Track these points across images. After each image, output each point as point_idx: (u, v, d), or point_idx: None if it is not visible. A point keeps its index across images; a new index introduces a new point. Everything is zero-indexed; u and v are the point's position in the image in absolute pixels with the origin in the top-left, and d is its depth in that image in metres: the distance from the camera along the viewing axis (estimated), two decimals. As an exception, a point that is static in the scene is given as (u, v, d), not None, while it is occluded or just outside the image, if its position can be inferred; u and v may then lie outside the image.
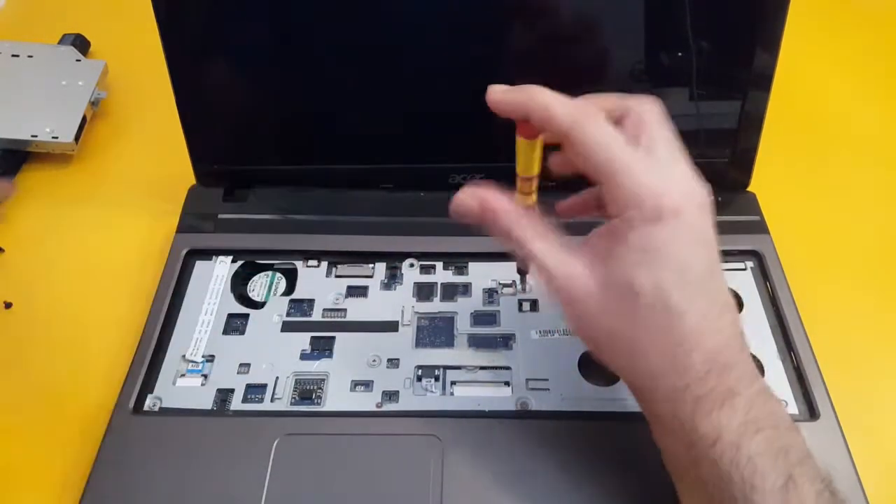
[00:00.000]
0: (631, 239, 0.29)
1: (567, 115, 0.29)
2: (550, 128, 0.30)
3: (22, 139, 0.52)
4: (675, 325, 0.28)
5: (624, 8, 0.43)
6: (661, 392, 0.29)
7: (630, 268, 0.29)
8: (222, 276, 0.44)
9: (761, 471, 0.27)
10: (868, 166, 0.53)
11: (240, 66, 0.45)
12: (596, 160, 0.29)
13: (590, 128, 0.29)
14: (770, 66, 0.43)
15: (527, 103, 0.30)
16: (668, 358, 0.29)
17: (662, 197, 0.29)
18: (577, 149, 0.29)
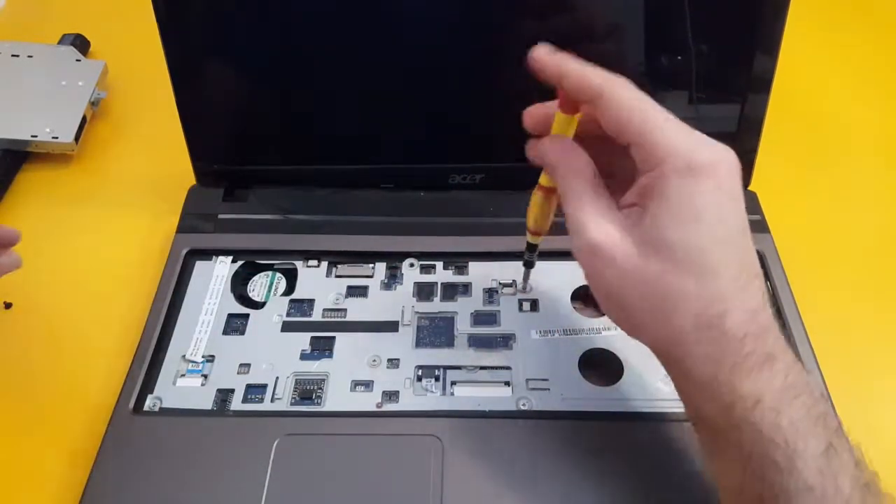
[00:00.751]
0: (664, 193, 0.28)
1: (600, 76, 0.30)
2: (583, 89, 0.30)
3: (22, 139, 0.52)
4: (709, 285, 0.28)
5: (624, 11, 0.43)
6: (696, 355, 0.28)
7: (663, 223, 0.28)
8: (222, 276, 0.44)
9: (804, 435, 0.27)
10: (868, 166, 0.53)
11: (240, 66, 0.45)
12: (630, 117, 0.29)
13: (622, 90, 0.30)
14: (770, 69, 0.43)
15: (562, 66, 0.30)
16: (703, 320, 0.28)
17: (695, 153, 0.28)
18: (610, 109, 0.29)
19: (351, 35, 0.43)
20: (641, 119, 0.29)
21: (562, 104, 0.31)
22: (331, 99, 0.46)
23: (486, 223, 0.46)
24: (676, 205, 0.28)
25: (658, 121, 0.29)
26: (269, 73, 0.45)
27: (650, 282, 0.29)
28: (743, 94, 0.44)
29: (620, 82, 0.30)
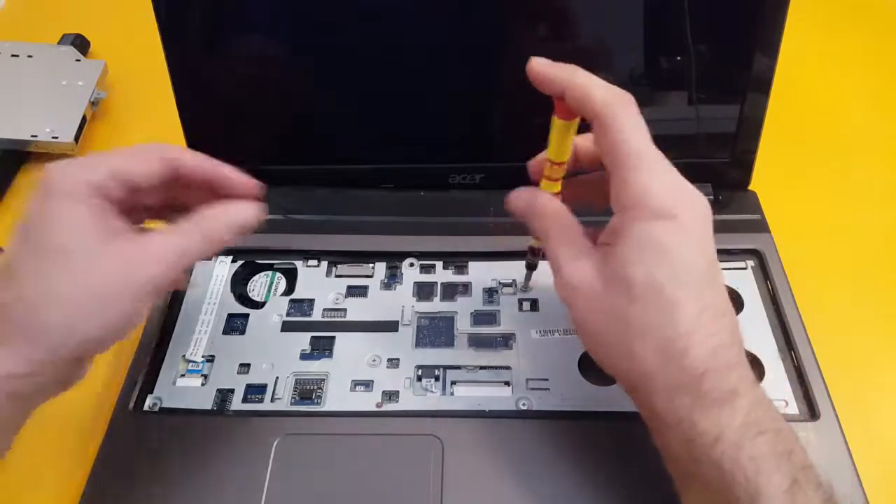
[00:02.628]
0: (629, 234, 0.29)
1: (604, 97, 0.30)
2: (585, 107, 0.30)
3: (22, 139, 0.52)
4: (669, 322, 0.28)
5: (623, 12, 0.43)
6: (658, 389, 0.29)
7: (626, 262, 0.29)
8: (222, 276, 0.44)
9: (766, 472, 0.27)
10: (869, 165, 0.53)
11: (240, 66, 0.45)
12: (619, 149, 0.30)
13: (622, 115, 0.30)
14: (769, 69, 0.43)
15: (567, 80, 0.30)
16: (663, 355, 0.29)
17: (666, 199, 0.29)
18: (604, 132, 0.30)
19: (351, 35, 0.43)
20: (628, 153, 0.30)
21: (559, 112, 0.32)
22: (331, 99, 0.46)
23: (486, 223, 0.46)
24: (639, 244, 0.29)
25: (643, 159, 0.30)
26: (269, 73, 0.45)
27: (615, 315, 0.30)
28: (742, 95, 0.44)
29: (623, 103, 0.30)
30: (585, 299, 0.31)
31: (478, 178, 0.48)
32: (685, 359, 0.28)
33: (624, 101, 0.30)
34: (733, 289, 0.43)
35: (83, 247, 0.30)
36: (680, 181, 0.30)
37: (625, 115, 0.30)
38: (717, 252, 0.44)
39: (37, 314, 0.29)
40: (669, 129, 0.46)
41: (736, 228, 0.45)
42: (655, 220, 0.29)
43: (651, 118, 0.46)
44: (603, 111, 0.30)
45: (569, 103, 0.31)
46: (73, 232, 0.30)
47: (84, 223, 0.30)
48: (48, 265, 0.30)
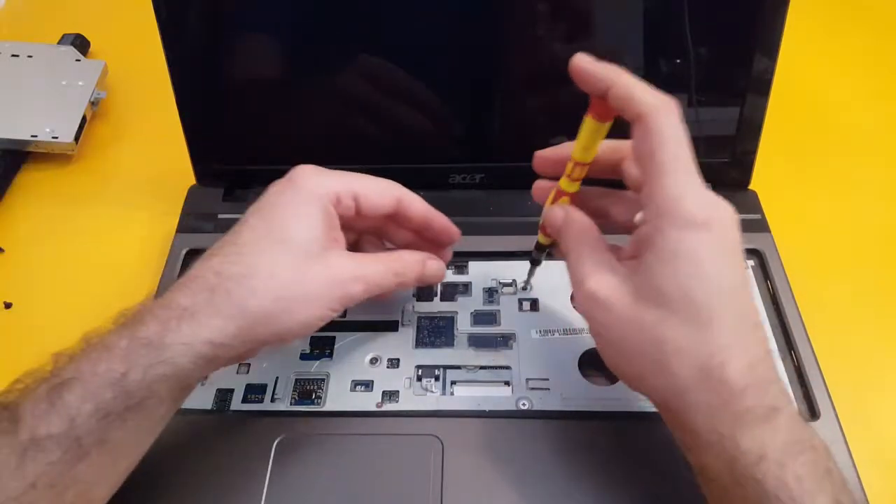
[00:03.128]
0: (660, 244, 0.28)
1: (650, 100, 0.29)
2: (628, 108, 0.29)
3: (22, 139, 0.52)
4: (706, 337, 0.28)
5: (623, 14, 0.43)
6: (696, 407, 0.28)
7: (659, 274, 0.28)
8: (222, 276, 0.44)
9: (811, 493, 0.26)
10: (869, 165, 0.53)
11: (240, 66, 0.45)
12: (658, 153, 0.29)
13: (666, 120, 0.29)
14: (769, 70, 0.43)
15: (612, 79, 0.30)
16: (701, 371, 0.28)
17: (701, 208, 0.28)
18: (645, 136, 0.29)
19: (350, 35, 0.43)
20: (666, 159, 0.29)
21: (595, 111, 0.31)
22: (330, 99, 0.46)
23: (486, 223, 0.46)
24: (672, 256, 0.28)
25: (680, 167, 0.29)
26: (269, 72, 0.45)
27: (647, 330, 0.29)
28: (742, 96, 0.44)
29: (668, 109, 0.29)
30: (613, 312, 0.30)
31: (478, 178, 0.48)
32: (724, 375, 0.27)
33: (669, 106, 0.29)
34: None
35: (311, 246, 0.33)
36: (709, 194, 0.29)
37: (668, 121, 0.29)
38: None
39: (254, 295, 0.31)
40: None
41: (736, 228, 0.45)
42: (689, 230, 0.28)
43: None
44: (647, 113, 0.29)
45: (611, 103, 0.30)
46: (309, 230, 0.33)
47: (318, 224, 0.33)
48: (278, 252, 0.32)
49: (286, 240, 0.32)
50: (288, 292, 0.31)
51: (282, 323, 0.31)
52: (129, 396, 0.29)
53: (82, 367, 0.29)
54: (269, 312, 0.31)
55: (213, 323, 0.30)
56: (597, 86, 0.30)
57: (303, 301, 0.32)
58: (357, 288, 0.34)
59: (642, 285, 0.29)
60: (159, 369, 0.29)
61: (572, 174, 0.34)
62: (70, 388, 0.28)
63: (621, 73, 0.30)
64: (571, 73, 0.30)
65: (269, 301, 0.31)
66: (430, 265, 0.38)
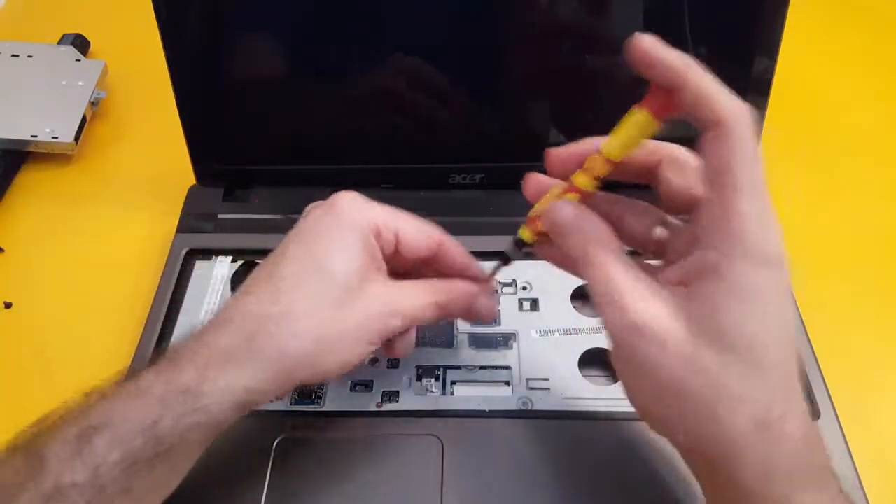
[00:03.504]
0: (732, 278, 0.25)
1: (737, 107, 0.25)
2: (704, 110, 0.25)
3: (22, 139, 0.52)
4: (768, 386, 0.25)
5: (623, 13, 0.43)
6: (748, 461, 0.25)
7: (726, 310, 0.25)
8: (222, 276, 0.44)
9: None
10: (869, 165, 0.53)
11: (240, 66, 0.45)
12: (735, 170, 0.25)
13: (748, 133, 0.25)
14: (769, 70, 0.43)
15: (689, 72, 0.26)
16: (759, 424, 0.25)
17: (777, 244, 0.25)
18: (722, 147, 0.25)
19: (351, 35, 0.43)
20: (745, 178, 0.25)
21: (654, 105, 0.27)
22: (331, 98, 0.46)
23: (486, 223, 0.46)
24: (745, 293, 0.25)
25: (757, 191, 0.25)
26: (269, 72, 0.45)
27: (706, 373, 0.25)
28: (742, 96, 0.44)
29: (748, 119, 0.25)
30: (661, 349, 0.25)
31: (478, 178, 0.48)
32: (784, 429, 0.25)
33: (750, 116, 0.26)
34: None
35: (351, 279, 0.31)
36: (776, 229, 0.26)
37: (749, 134, 0.25)
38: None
39: (294, 338, 0.29)
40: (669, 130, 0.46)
41: (736, 228, 0.45)
42: (767, 268, 0.25)
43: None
44: (729, 120, 0.25)
45: (684, 99, 0.25)
46: (350, 261, 0.31)
47: (359, 255, 0.31)
48: (318, 287, 0.30)
49: (327, 273, 0.30)
50: (328, 331, 0.30)
51: (322, 364, 0.30)
52: (158, 443, 0.27)
53: (114, 411, 0.28)
54: (310, 354, 0.30)
55: (252, 369, 0.29)
56: (665, 76, 0.26)
57: (342, 341, 0.30)
58: (396, 322, 0.32)
59: (703, 319, 0.25)
60: (193, 417, 0.28)
61: (594, 170, 0.28)
62: (99, 433, 0.27)
63: (696, 66, 0.26)
64: (632, 54, 0.26)
65: (309, 342, 0.29)
66: (482, 302, 0.35)
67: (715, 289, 0.25)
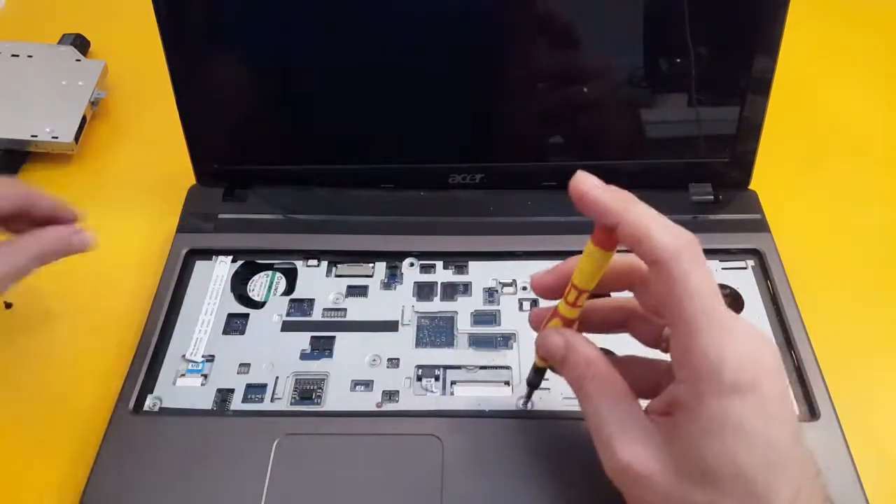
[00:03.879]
0: (703, 413, 0.25)
1: (669, 243, 0.25)
2: (642, 249, 0.26)
3: (22, 139, 0.52)
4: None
5: (623, 14, 0.43)
6: None
7: (704, 447, 0.25)
8: (222, 275, 0.44)
9: None
10: (869, 165, 0.53)
11: (240, 66, 0.45)
12: (684, 306, 0.25)
13: (689, 266, 0.25)
14: (769, 70, 0.43)
15: (622, 213, 0.26)
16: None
17: (743, 369, 0.25)
18: (665, 283, 0.26)
19: (351, 35, 0.43)
20: (697, 315, 0.25)
21: (598, 239, 0.28)
22: (331, 98, 0.46)
23: (486, 223, 0.46)
24: (718, 428, 0.25)
25: (713, 321, 0.25)
26: (269, 72, 0.45)
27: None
28: (742, 96, 0.44)
29: (689, 252, 0.26)
30: (652, 489, 0.26)
31: (478, 178, 0.48)
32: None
33: (692, 248, 0.26)
34: (733, 289, 0.43)
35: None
36: (750, 336, 0.26)
37: (692, 267, 0.25)
38: (717, 252, 0.44)
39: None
40: (670, 130, 0.46)
41: (736, 228, 0.45)
42: (735, 396, 0.25)
43: (651, 119, 0.47)
44: (667, 260, 0.25)
45: (621, 240, 0.27)
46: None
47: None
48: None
49: None
50: None
51: None
52: None
53: None
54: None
55: None
56: (605, 218, 0.27)
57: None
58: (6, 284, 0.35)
59: (684, 457, 0.26)
60: None
61: (571, 300, 0.30)
62: None
63: (632, 204, 0.26)
64: (572, 196, 0.27)
65: None
66: (76, 240, 0.38)
67: (693, 426, 0.25)
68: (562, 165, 0.47)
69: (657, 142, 0.47)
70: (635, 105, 0.45)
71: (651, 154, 0.47)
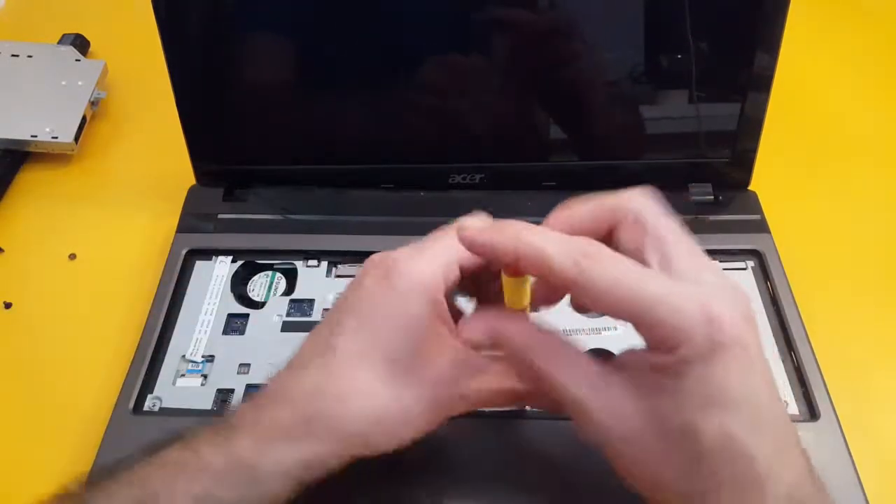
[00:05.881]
0: (686, 380, 0.25)
1: (567, 261, 0.25)
2: (549, 277, 0.26)
3: (22, 139, 0.52)
4: (746, 472, 0.25)
5: (623, 10, 0.43)
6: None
7: (689, 412, 0.25)
8: (222, 276, 0.44)
9: None
10: (869, 166, 0.53)
11: (239, 66, 0.45)
12: (620, 303, 0.25)
13: (599, 269, 0.25)
14: (770, 68, 0.43)
15: (515, 249, 0.26)
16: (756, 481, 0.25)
17: (711, 324, 0.24)
18: (590, 294, 0.25)
19: (351, 35, 0.43)
20: (633, 298, 0.25)
21: (509, 272, 0.28)
22: (331, 99, 0.46)
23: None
24: (702, 394, 0.25)
25: (657, 295, 0.25)
26: (269, 72, 0.45)
27: (677, 469, 0.26)
28: (743, 93, 0.44)
29: (594, 257, 0.25)
30: (631, 447, 0.26)
31: (478, 178, 0.48)
32: None
33: (589, 250, 0.25)
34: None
35: (413, 359, 0.29)
36: (704, 288, 0.25)
37: (602, 267, 0.25)
38: (717, 253, 0.44)
39: (353, 420, 0.28)
40: (670, 128, 0.46)
41: (736, 228, 0.45)
42: (711, 358, 0.24)
43: (652, 117, 0.46)
44: (575, 276, 0.25)
45: (524, 267, 0.27)
46: (412, 340, 0.29)
47: (422, 327, 0.29)
48: (379, 368, 0.28)
49: (385, 350, 0.29)
50: (383, 414, 0.28)
51: (380, 444, 0.29)
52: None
53: (171, 481, 0.27)
54: (364, 434, 0.28)
55: (307, 445, 0.28)
56: (503, 258, 0.27)
57: (401, 422, 0.29)
58: (461, 407, 0.30)
59: (668, 421, 0.25)
60: (248, 492, 0.27)
61: None
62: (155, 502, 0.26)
63: (522, 237, 0.26)
64: (462, 244, 0.27)
65: (364, 424, 0.28)
66: None
67: (676, 390, 0.25)
68: (562, 165, 0.47)
69: (657, 141, 0.47)
70: (636, 104, 0.45)
71: (651, 153, 0.47)
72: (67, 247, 0.48)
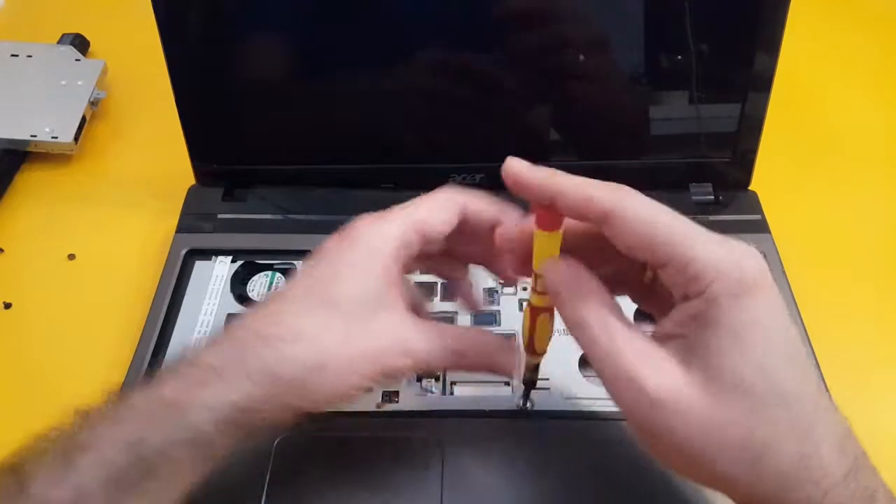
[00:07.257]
0: (722, 321, 0.24)
1: (606, 191, 0.26)
2: (587, 210, 0.26)
3: (21, 139, 0.52)
4: (794, 417, 0.24)
5: (624, 11, 0.43)
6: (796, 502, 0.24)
7: (730, 357, 0.24)
8: (222, 276, 0.44)
9: None
10: (869, 166, 0.53)
11: (239, 66, 0.45)
12: (654, 235, 0.25)
13: (635, 202, 0.26)
14: (770, 68, 0.43)
15: (557, 185, 0.27)
16: (797, 463, 0.24)
17: (741, 265, 0.25)
18: (626, 228, 0.25)
19: (351, 35, 0.43)
20: (668, 234, 0.25)
21: (542, 222, 0.28)
22: (330, 99, 0.46)
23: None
24: (741, 332, 0.24)
25: (690, 233, 0.25)
26: (269, 72, 0.45)
27: (733, 428, 0.24)
28: (743, 94, 0.44)
29: (629, 194, 0.26)
30: (684, 418, 0.24)
31: (478, 178, 0.48)
32: (822, 462, 0.24)
33: (628, 191, 0.26)
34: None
35: (360, 309, 0.29)
36: (730, 241, 0.25)
37: (638, 203, 0.26)
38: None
39: (287, 361, 0.28)
40: (670, 128, 0.46)
41: (736, 228, 0.45)
42: (745, 297, 0.24)
43: (652, 117, 0.46)
44: (612, 206, 0.26)
45: (563, 211, 0.27)
46: (361, 292, 0.29)
47: (372, 284, 0.30)
48: (321, 314, 0.29)
49: (333, 301, 0.29)
50: (323, 360, 0.28)
51: (314, 392, 0.29)
52: (144, 463, 0.26)
53: (98, 429, 0.27)
54: (302, 379, 0.28)
55: (239, 386, 0.27)
56: (539, 195, 0.27)
57: (338, 371, 0.29)
58: (402, 362, 0.30)
59: (713, 375, 0.24)
60: (179, 434, 0.27)
61: (538, 287, 0.29)
62: (84, 453, 0.26)
63: (563, 177, 0.27)
64: (506, 181, 0.28)
65: (302, 368, 0.28)
66: (502, 359, 0.32)
67: (715, 337, 0.24)
68: (562, 165, 0.47)
69: (658, 141, 0.47)
70: (636, 104, 0.45)
71: (652, 153, 0.47)
72: (67, 247, 0.48)
